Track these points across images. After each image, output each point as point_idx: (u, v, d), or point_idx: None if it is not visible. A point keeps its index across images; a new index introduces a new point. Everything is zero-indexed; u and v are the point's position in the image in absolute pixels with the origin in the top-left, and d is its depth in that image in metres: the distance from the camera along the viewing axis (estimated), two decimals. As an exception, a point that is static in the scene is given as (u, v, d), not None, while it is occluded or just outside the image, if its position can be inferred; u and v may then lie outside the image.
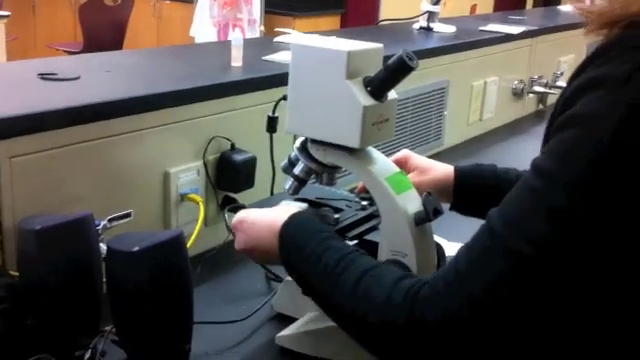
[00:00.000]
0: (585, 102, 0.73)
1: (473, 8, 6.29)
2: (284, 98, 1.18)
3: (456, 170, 1.25)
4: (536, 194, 0.75)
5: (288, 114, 1.13)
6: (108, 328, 1.07)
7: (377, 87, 1.07)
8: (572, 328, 0.79)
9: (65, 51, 5.47)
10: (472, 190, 1.22)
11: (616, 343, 0.79)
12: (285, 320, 1.21)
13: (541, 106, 2.89)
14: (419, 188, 1.13)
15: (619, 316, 0.78)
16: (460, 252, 0.83)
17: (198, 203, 1.39)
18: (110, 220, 1.19)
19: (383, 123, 1.11)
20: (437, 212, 1.08)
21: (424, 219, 1.07)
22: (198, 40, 5.32)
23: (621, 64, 0.71)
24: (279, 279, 1.34)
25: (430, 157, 1.28)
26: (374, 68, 1.09)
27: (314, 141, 1.13)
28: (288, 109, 1.13)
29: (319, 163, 1.14)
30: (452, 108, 2.25)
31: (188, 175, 1.41)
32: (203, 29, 5.41)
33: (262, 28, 5.24)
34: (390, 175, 1.11)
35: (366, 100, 1.06)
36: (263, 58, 1.70)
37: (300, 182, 1.17)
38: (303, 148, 1.15)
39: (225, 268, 1.40)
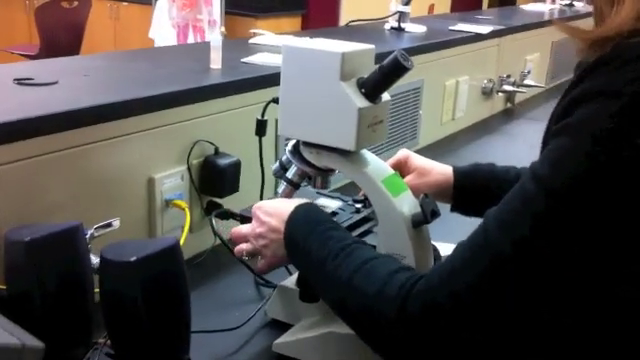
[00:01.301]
0: (581, 112, 0.74)
1: (431, 8, 6.35)
2: (274, 101, 1.16)
3: (455, 171, 1.24)
4: (526, 197, 0.77)
5: (280, 117, 1.11)
6: (102, 340, 1.04)
7: (371, 89, 1.06)
8: (554, 330, 0.80)
9: (21, 55, 5.34)
10: (472, 191, 1.22)
11: (598, 347, 0.80)
12: (280, 326, 1.19)
13: (509, 105, 2.92)
14: (419, 190, 1.13)
15: (600, 321, 0.79)
16: (457, 248, 0.84)
17: (184, 209, 1.37)
18: (97, 229, 1.16)
19: (377, 125, 1.10)
20: (434, 214, 1.07)
21: (422, 221, 1.06)
22: (157, 42, 5.25)
23: (620, 75, 0.72)
24: (269, 284, 1.32)
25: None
26: (367, 69, 1.08)
27: (307, 144, 1.12)
28: (280, 112, 1.11)
29: (313, 166, 1.13)
30: (425, 108, 2.25)
31: (172, 180, 1.38)
32: (162, 31, 5.35)
33: (223, 29, 5.19)
34: (386, 177, 1.10)
35: (361, 102, 1.05)
36: (242, 60, 1.67)
37: (294, 186, 1.15)
38: (295, 151, 1.14)
39: (213, 275, 1.37)
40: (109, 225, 1.17)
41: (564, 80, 3.58)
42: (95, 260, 1.09)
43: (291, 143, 1.15)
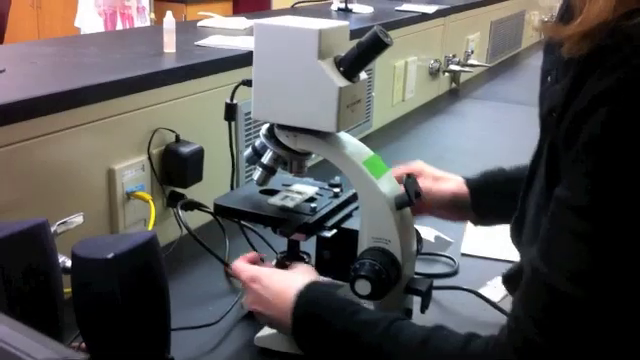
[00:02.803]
0: (593, 127, 0.69)
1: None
2: (244, 83, 1.10)
3: (469, 182, 1.18)
4: (573, 232, 0.72)
5: (254, 100, 1.05)
6: (76, 344, 0.97)
7: (350, 67, 1.02)
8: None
9: (-61, 47, 5.07)
10: (493, 201, 1.16)
11: None
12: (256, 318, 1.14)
13: (454, 85, 2.92)
14: (434, 195, 1.13)
15: None
16: (515, 299, 0.80)
17: (148, 201, 1.29)
18: (60, 225, 1.08)
19: (356, 104, 1.06)
20: (418, 195, 1.04)
21: (406, 202, 1.03)
22: (84, 31, 5.06)
23: (623, 73, 0.68)
24: (241, 276, 1.27)
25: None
26: (343, 47, 1.04)
27: (283, 127, 1.06)
28: (254, 94, 1.05)
29: (289, 150, 1.08)
30: (376, 89, 2.22)
31: (133, 171, 1.30)
32: (88, 19, 5.16)
33: (152, 16, 5.05)
34: (366, 158, 1.06)
35: (340, 81, 1.01)
36: (196, 43, 1.60)
37: (270, 171, 1.10)
38: (270, 135, 1.08)
39: (180, 269, 1.31)
40: (72, 221, 1.10)
41: (504, 58, 3.62)
42: (61, 259, 1.02)
43: (265, 127, 1.09)
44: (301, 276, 1.01)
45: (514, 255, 1.01)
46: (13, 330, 0.46)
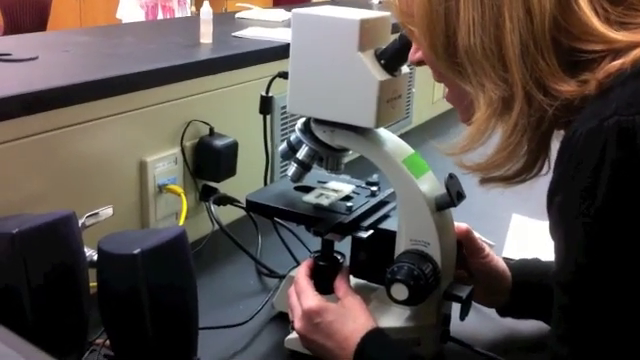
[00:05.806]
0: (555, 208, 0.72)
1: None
2: (281, 75, 1.06)
3: (511, 267, 1.10)
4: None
5: (290, 93, 1.01)
6: (100, 341, 0.94)
7: (391, 60, 0.97)
8: None
9: (-16, 36, 5.14)
10: (533, 289, 1.08)
11: None
12: (288, 320, 1.09)
13: (497, 82, 2.84)
14: (480, 268, 1.07)
15: None
16: None
17: (179, 195, 1.26)
18: (88, 218, 1.05)
19: (396, 100, 1.01)
20: (460, 196, 0.99)
21: (447, 203, 0.98)
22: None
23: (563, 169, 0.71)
24: (273, 275, 1.23)
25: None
26: (384, 39, 1.00)
27: (320, 122, 1.02)
28: (290, 87, 1.01)
29: (325, 146, 1.03)
30: (417, 85, 2.17)
31: (165, 164, 1.27)
32: (130, 11, 5.18)
33: (193, 9, 5.04)
34: (406, 157, 1.01)
35: (381, 75, 0.96)
36: (233, 34, 1.57)
37: (304, 168, 1.05)
38: (306, 130, 1.04)
39: (212, 265, 1.27)
40: (102, 213, 1.07)
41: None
42: (89, 252, 0.99)
43: (301, 121, 1.05)
44: (365, 321, 0.95)
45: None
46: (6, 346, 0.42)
